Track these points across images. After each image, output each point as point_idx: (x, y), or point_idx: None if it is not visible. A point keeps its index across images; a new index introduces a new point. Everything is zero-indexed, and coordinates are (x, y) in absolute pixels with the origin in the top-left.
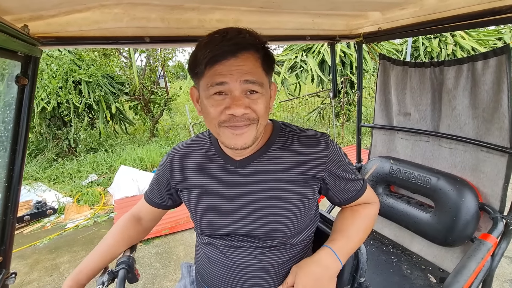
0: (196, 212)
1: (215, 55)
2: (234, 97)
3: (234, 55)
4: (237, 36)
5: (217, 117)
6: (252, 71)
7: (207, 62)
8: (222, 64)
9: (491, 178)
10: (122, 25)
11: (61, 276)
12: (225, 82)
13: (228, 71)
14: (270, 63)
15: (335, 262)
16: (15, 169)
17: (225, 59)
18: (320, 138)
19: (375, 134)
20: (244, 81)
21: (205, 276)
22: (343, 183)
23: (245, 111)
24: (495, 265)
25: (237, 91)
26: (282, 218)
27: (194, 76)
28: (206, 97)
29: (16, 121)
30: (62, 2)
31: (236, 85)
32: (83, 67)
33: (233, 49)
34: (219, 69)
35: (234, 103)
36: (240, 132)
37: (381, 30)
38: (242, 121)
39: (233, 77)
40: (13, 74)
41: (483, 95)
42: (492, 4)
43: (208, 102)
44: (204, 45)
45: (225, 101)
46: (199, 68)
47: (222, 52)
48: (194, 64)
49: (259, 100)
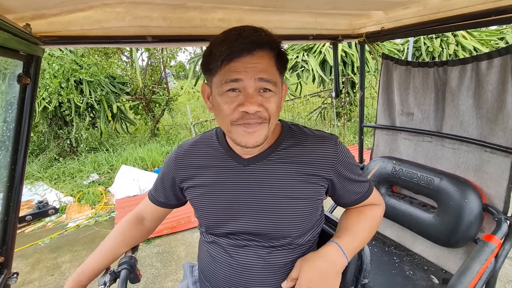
0: (202, 210)
1: (231, 52)
2: (248, 94)
3: (250, 52)
4: (253, 34)
5: (230, 114)
6: (266, 70)
7: (223, 58)
8: (237, 61)
9: (495, 179)
10: (124, 24)
11: (62, 276)
12: (240, 79)
13: (243, 68)
14: (284, 62)
15: (342, 258)
16: (17, 169)
17: (241, 56)
18: (329, 139)
19: (377, 134)
20: (258, 79)
21: (209, 275)
22: (350, 185)
23: (258, 109)
24: (499, 267)
25: (251, 89)
26: (289, 217)
27: (207, 73)
28: (220, 93)
29: (18, 121)
30: (65, 1)
31: (251, 83)
32: (84, 67)
33: (249, 47)
34: (234, 66)
35: (248, 100)
36: (252, 130)
37: (384, 30)
38: (254, 119)
39: (247, 74)
40: (15, 73)
41: (487, 95)
42: (497, 3)
43: (221, 99)
44: (220, 42)
45: (238, 98)
46: (214, 65)
47: (238, 50)
48: (209, 60)
49: (271, 98)
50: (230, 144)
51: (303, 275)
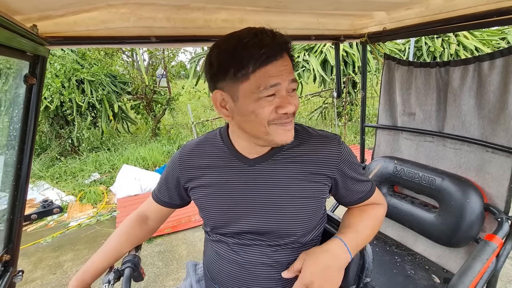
0: (207, 210)
1: (269, 56)
2: (284, 96)
3: (281, 55)
4: (282, 37)
5: (267, 117)
6: (292, 70)
7: (260, 63)
8: (273, 65)
9: (497, 179)
10: (129, 24)
11: (65, 274)
12: (278, 83)
13: (278, 72)
14: (293, 61)
15: (345, 253)
16: (22, 168)
17: (276, 60)
18: (332, 139)
19: (379, 134)
20: (290, 81)
21: (214, 272)
22: (353, 184)
23: (294, 108)
24: (500, 266)
25: (284, 91)
26: (294, 216)
27: (230, 79)
28: (255, 99)
29: (24, 120)
30: (71, 2)
31: (286, 85)
32: (86, 66)
33: (279, 49)
34: (271, 70)
35: (287, 102)
36: (290, 127)
37: (386, 30)
38: (290, 118)
39: (283, 77)
40: (19, 74)
41: (489, 95)
42: (499, 4)
43: (258, 104)
44: (254, 46)
45: (274, 101)
46: (244, 70)
47: (274, 53)
48: (238, 65)
49: (296, 95)
50: (235, 145)
51: (307, 268)
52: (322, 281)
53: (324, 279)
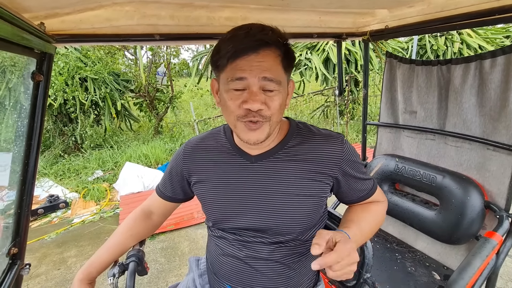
0: (209, 205)
1: (237, 50)
2: (252, 92)
3: (255, 51)
4: (260, 33)
5: (235, 111)
6: (271, 68)
7: (229, 56)
8: (243, 59)
9: (497, 177)
10: (133, 22)
11: (69, 270)
12: (244, 78)
13: (248, 66)
14: (290, 60)
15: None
16: (30, 164)
17: (246, 55)
18: (335, 138)
19: (380, 132)
20: (262, 78)
21: (217, 267)
22: (355, 183)
23: (261, 107)
24: (500, 263)
25: (255, 87)
26: (294, 213)
27: (215, 69)
28: (226, 90)
29: (31, 117)
30: (78, 1)
31: (255, 81)
32: (89, 64)
33: (255, 45)
34: (240, 64)
35: (251, 98)
36: (254, 127)
37: (388, 28)
38: (256, 117)
39: (252, 73)
40: (29, 71)
41: (491, 93)
42: (501, 2)
43: (227, 96)
44: (228, 40)
45: (243, 95)
46: (221, 62)
47: (244, 48)
48: (217, 57)
49: (275, 97)
50: (237, 141)
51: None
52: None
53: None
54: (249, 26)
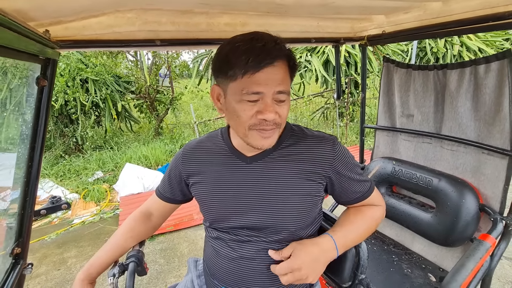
0: (206, 205)
1: (256, 65)
2: (267, 103)
3: (272, 64)
4: (275, 48)
5: (247, 121)
6: (283, 81)
7: (247, 69)
8: (260, 73)
9: (492, 180)
10: (135, 28)
11: (69, 270)
12: (261, 92)
13: (265, 80)
14: (295, 70)
15: (333, 250)
16: (33, 165)
17: (263, 69)
18: (328, 139)
19: (378, 135)
20: (277, 92)
21: (213, 268)
22: (349, 184)
23: (275, 117)
24: (494, 265)
25: (269, 99)
26: (288, 212)
27: (222, 76)
28: (238, 101)
29: (35, 120)
30: (83, 10)
31: (270, 94)
32: (90, 66)
33: (272, 60)
34: (257, 77)
35: (267, 109)
36: (268, 135)
37: (385, 33)
38: (270, 125)
39: (268, 87)
40: (33, 76)
41: (485, 98)
42: (495, 9)
43: (240, 106)
44: (243, 52)
45: (256, 106)
46: (233, 72)
47: (262, 62)
48: (227, 66)
49: (285, 106)
50: (234, 143)
51: (297, 257)
52: (309, 270)
53: (311, 269)
54: (262, 38)
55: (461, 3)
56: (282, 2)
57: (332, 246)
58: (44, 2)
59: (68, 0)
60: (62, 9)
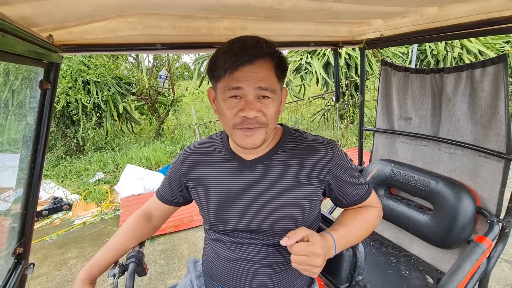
0: (206, 208)
1: (234, 62)
2: (248, 101)
3: (251, 62)
4: (255, 46)
5: (232, 119)
6: (266, 78)
7: (226, 68)
8: (239, 71)
9: (489, 183)
10: (136, 33)
11: (69, 271)
12: (241, 87)
13: (244, 77)
14: (283, 70)
15: (332, 249)
16: (36, 167)
17: (242, 66)
18: (326, 143)
19: (376, 137)
20: (258, 88)
21: (213, 270)
22: (347, 187)
23: (257, 114)
24: (491, 267)
25: (250, 96)
26: (287, 216)
27: (212, 79)
28: (223, 99)
29: (38, 122)
30: (86, 15)
31: (251, 90)
32: (92, 68)
33: (250, 58)
34: (236, 75)
35: (247, 106)
36: (250, 133)
37: (383, 37)
38: (253, 124)
39: (248, 83)
40: (35, 80)
41: (481, 101)
42: (490, 14)
43: (224, 104)
44: (224, 53)
45: (239, 104)
46: (218, 73)
47: (241, 60)
48: (214, 68)
49: (270, 105)
50: (233, 147)
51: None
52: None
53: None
54: (243, 39)
55: (457, 9)
56: (280, 7)
57: (332, 244)
58: (48, 9)
59: (72, 6)
60: (65, 15)
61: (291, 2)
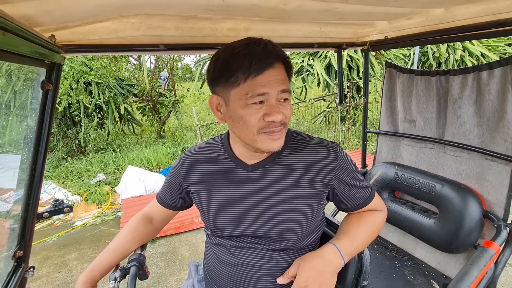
0: (208, 214)
1: (258, 67)
2: (272, 105)
3: (272, 66)
4: (274, 48)
5: (256, 125)
6: (284, 80)
7: (249, 73)
8: (262, 75)
9: (496, 186)
10: (139, 33)
11: (69, 273)
12: (266, 93)
13: (267, 81)
14: (291, 72)
15: (339, 259)
16: (37, 169)
17: (265, 70)
18: (329, 146)
19: (380, 140)
20: (280, 91)
21: (214, 274)
22: (351, 190)
23: (282, 117)
24: (499, 273)
25: (274, 100)
26: (290, 221)
27: (222, 84)
28: (243, 106)
29: (39, 124)
30: (88, 15)
31: (274, 94)
32: (93, 69)
33: (272, 61)
34: (260, 79)
35: (274, 110)
36: (277, 137)
37: (387, 39)
38: (278, 127)
39: (271, 87)
40: (37, 80)
41: (488, 104)
42: (497, 16)
43: (246, 111)
44: (244, 56)
45: (262, 109)
46: (235, 77)
47: (264, 64)
48: (229, 72)
49: (288, 106)
50: (234, 151)
51: (302, 273)
52: (316, 285)
53: (318, 283)
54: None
55: (464, 10)
56: (284, 8)
57: (337, 255)
58: (50, 8)
59: (74, 6)
60: (68, 14)
61: (297, 2)
